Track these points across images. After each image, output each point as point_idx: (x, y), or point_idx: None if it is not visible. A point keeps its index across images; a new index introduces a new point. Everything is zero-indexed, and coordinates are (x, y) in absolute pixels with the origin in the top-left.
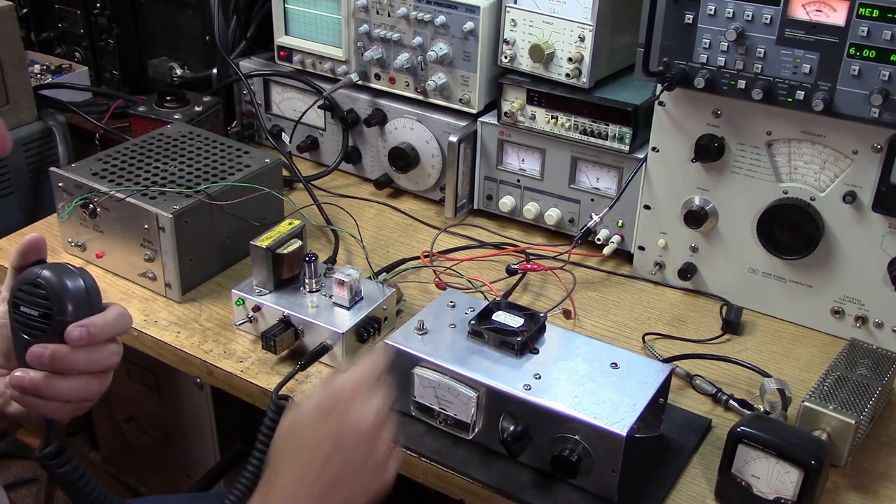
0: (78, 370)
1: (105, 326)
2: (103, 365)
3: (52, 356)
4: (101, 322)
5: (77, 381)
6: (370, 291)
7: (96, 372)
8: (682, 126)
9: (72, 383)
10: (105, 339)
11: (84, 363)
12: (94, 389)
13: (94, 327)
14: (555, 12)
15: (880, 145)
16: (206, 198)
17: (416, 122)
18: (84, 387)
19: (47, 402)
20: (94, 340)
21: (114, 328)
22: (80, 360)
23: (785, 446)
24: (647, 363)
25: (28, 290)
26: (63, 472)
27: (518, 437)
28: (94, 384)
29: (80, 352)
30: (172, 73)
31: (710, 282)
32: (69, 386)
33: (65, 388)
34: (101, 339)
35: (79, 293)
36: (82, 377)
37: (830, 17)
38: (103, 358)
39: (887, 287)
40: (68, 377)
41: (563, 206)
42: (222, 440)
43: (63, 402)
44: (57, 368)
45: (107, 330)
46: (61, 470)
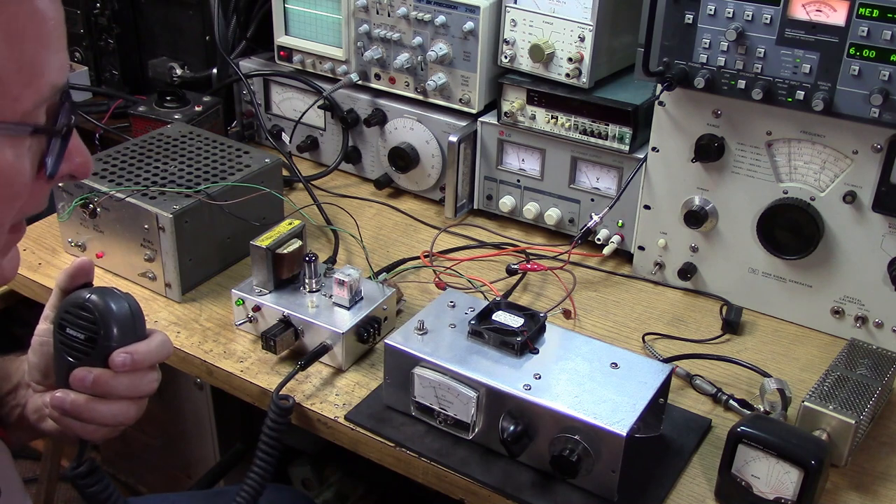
0: (118, 395)
1: (148, 354)
2: (143, 391)
3: (96, 380)
4: (145, 349)
5: (116, 406)
6: (370, 291)
7: (136, 398)
8: (682, 126)
9: (111, 408)
10: (147, 365)
11: (125, 389)
12: (132, 414)
13: (138, 354)
14: (555, 12)
15: (880, 145)
16: (206, 198)
17: (416, 122)
18: (122, 412)
19: (85, 425)
20: (137, 367)
21: (156, 356)
22: (122, 386)
23: (785, 446)
24: (647, 363)
25: (75, 313)
26: (94, 492)
27: (518, 437)
28: (132, 409)
29: (123, 377)
30: (172, 73)
31: (710, 282)
32: (108, 410)
33: (104, 413)
34: (143, 367)
35: (124, 319)
36: (122, 402)
37: (830, 17)
38: (144, 384)
39: (887, 287)
40: (108, 402)
41: (563, 206)
42: (222, 440)
43: (100, 426)
44: (98, 392)
45: (150, 357)
46: (92, 489)
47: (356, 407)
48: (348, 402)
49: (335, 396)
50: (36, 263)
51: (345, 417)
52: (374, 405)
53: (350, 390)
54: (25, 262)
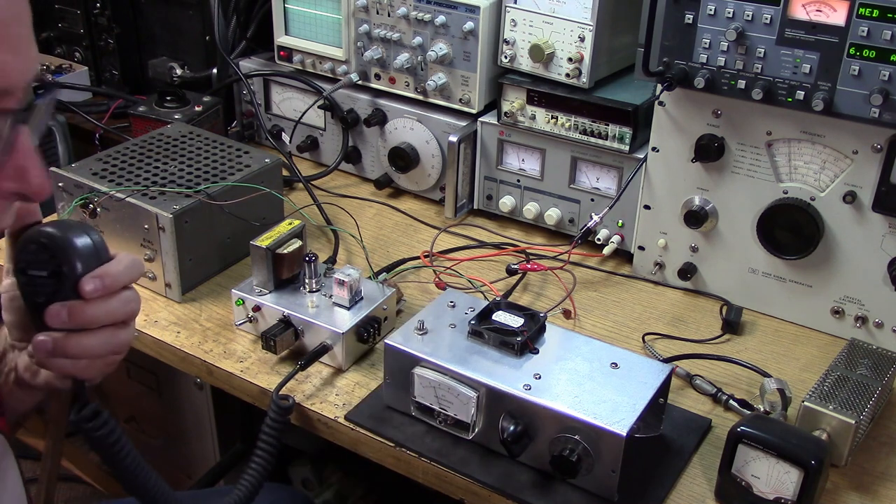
0: (99, 322)
1: (118, 275)
2: (124, 313)
3: (71, 312)
4: (115, 270)
5: (101, 335)
6: (370, 291)
7: (119, 322)
8: (682, 126)
9: (97, 337)
10: (120, 287)
11: (105, 314)
12: (121, 340)
13: (108, 277)
14: (555, 12)
15: (880, 145)
16: (206, 198)
17: (416, 122)
18: (109, 339)
19: (76, 362)
20: (109, 290)
21: (127, 275)
22: (101, 312)
23: (785, 446)
24: (647, 363)
25: (32, 252)
26: (101, 435)
27: (518, 437)
28: (120, 334)
29: (98, 304)
30: (172, 73)
31: (710, 282)
32: (94, 340)
33: (91, 344)
34: (116, 288)
35: (86, 246)
36: (106, 330)
37: (830, 17)
38: (122, 306)
39: (887, 287)
40: (92, 332)
41: (563, 206)
42: (222, 440)
43: (91, 359)
44: (77, 324)
45: (120, 278)
46: (99, 433)
47: (356, 407)
48: (348, 402)
49: (335, 396)
50: None
51: (345, 417)
52: (374, 405)
53: (350, 390)
54: None
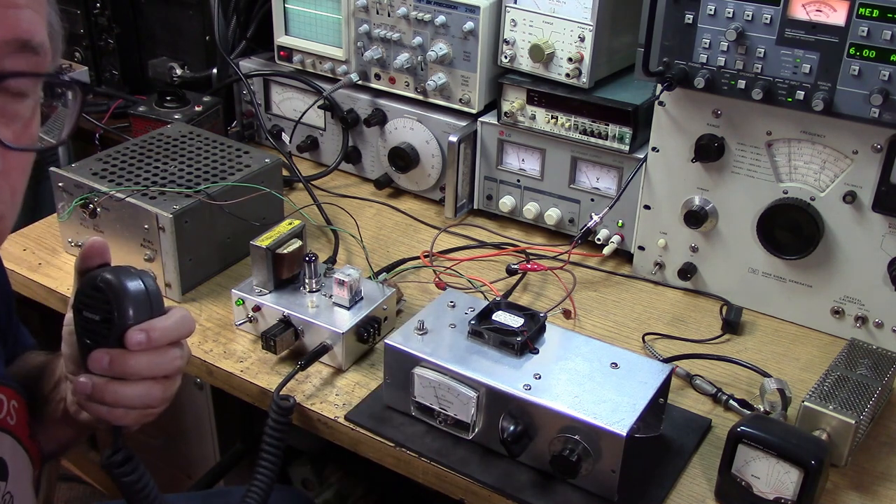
0: (140, 375)
1: (166, 330)
2: (166, 370)
3: (113, 361)
4: (162, 325)
5: (140, 387)
6: (370, 291)
7: (160, 377)
8: (682, 126)
9: (134, 389)
10: (166, 342)
11: (146, 368)
12: (158, 395)
13: (155, 331)
14: (555, 12)
15: (880, 145)
16: (206, 198)
17: (416, 122)
18: (147, 392)
19: (112, 409)
20: (154, 345)
21: (175, 332)
22: (141, 365)
23: (785, 446)
24: (647, 363)
25: (89, 294)
26: (129, 481)
27: (518, 437)
28: (158, 390)
29: (141, 356)
30: (172, 73)
31: (710, 282)
32: (132, 392)
33: (128, 395)
34: (162, 344)
35: (139, 296)
36: (145, 383)
37: (830, 17)
38: (166, 362)
39: (887, 287)
40: (131, 383)
41: (563, 206)
42: (222, 440)
43: (127, 409)
44: (118, 373)
45: (168, 334)
46: (128, 479)
47: (356, 407)
48: (348, 402)
49: (335, 396)
50: (36, 263)
51: (345, 417)
52: (374, 405)
53: (350, 390)
54: (25, 262)
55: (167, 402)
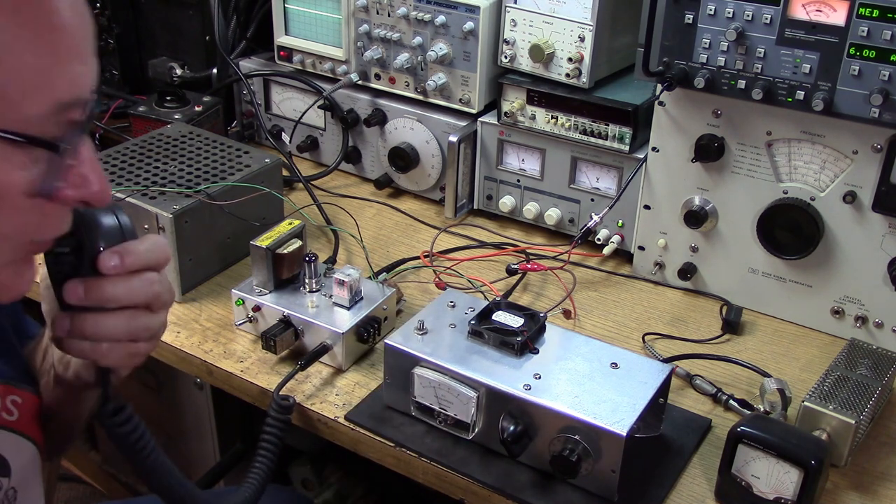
0: (117, 300)
1: (140, 253)
2: (144, 294)
3: (88, 288)
4: (135, 248)
5: (121, 316)
6: (370, 291)
7: (142, 304)
8: (682, 126)
9: (116, 317)
10: (141, 265)
11: (123, 292)
12: (143, 324)
13: (128, 254)
14: (555, 12)
15: (880, 145)
16: (206, 198)
17: (416, 122)
18: (129, 321)
19: (95, 345)
20: (129, 268)
21: (150, 254)
22: (119, 290)
23: (785, 446)
24: (647, 363)
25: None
26: (124, 432)
27: (518, 437)
28: (141, 319)
29: (118, 281)
30: (172, 73)
31: (710, 282)
32: (113, 321)
33: (108, 324)
34: (136, 267)
35: (110, 224)
36: (126, 311)
37: (830, 17)
38: (143, 286)
39: (887, 287)
40: (111, 312)
41: (563, 206)
42: (222, 440)
43: (112, 342)
44: (95, 301)
45: (142, 257)
46: (122, 429)
47: (356, 407)
48: (348, 402)
49: (335, 396)
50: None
51: (345, 417)
52: (374, 405)
53: (350, 390)
54: None
55: (153, 339)
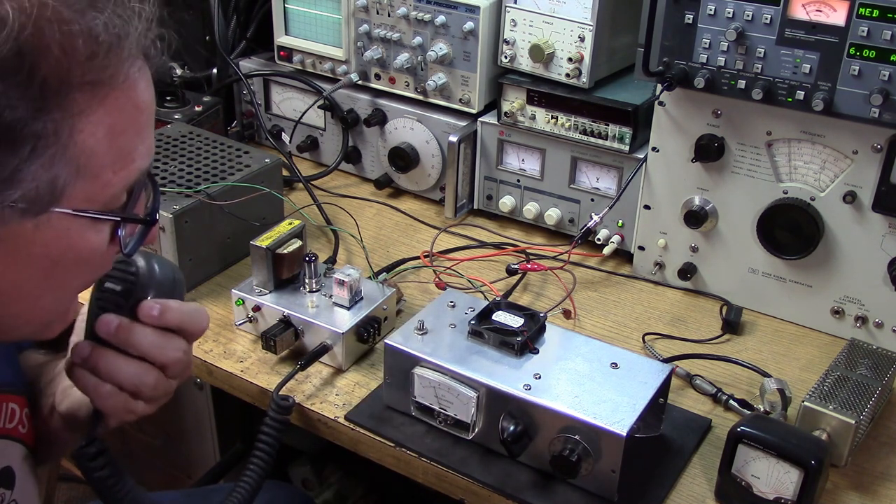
0: (140, 349)
1: (180, 313)
2: (167, 356)
3: (120, 326)
4: (177, 307)
5: (135, 365)
6: (370, 291)
7: (159, 363)
8: (682, 126)
9: (130, 365)
10: (176, 324)
11: (148, 344)
12: (150, 382)
13: (168, 309)
14: (555, 12)
15: (880, 145)
16: (206, 198)
17: (416, 122)
18: (141, 373)
19: (99, 385)
20: (164, 322)
21: (188, 318)
22: (146, 340)
23: (785, 446)
24: (647, 363)
25: (117, 268)
26: (100, 477)
27: (518, 437)
28: (152, 376)
29: (148, 331)
30: (172, 73)
31: (710, 282)
32: (127, 367)
33: (122, 368)
34: (171, 324)
35: (166, 279)
36: (142, 363)
37: (830, 17)
38: (169, 347)
39: (887, 287)
40: (128, 358)
41: (563, 206)
42: (222, 440)
43: (116, 389)
44: (121, 341)
45: (181, 317)
46: (99, 473)
47: (356, 407)
48: (348, 402)
49: (335, 396)
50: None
51: (345, 417)
52: (374, 405)
53: (350, 390)
54: None
55: (152, 402)
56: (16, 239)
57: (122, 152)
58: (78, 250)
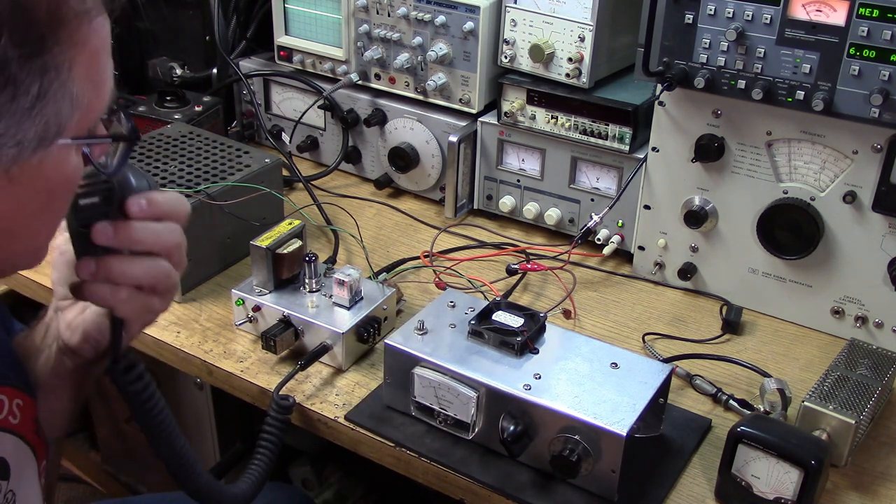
0: (144, 244)
1: (164, 202)
2: (169, 240)
3: (117, 228)
4: (161, 197)
5: (146, 260)
6: (370, 291)
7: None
8: (682, 126)
9: (141, 262)
10: (164, 213)
11: (150, 236)
12: (164, 270)
13: (154, 201)
14: (555, 12)
15: (880, 145)
16: (206, 198)
17: (416, 122)
18: (152, 266)
19: (115, 291)
20: (154, 214)
21: (171, 204)
22: (146, 234)
23: (785, 446)
24: (647, 363)
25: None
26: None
27: (518, 437)
28: (163, 265)
29: (145, 224)
30: (172, 73)
31: (710, 282)
32: (137, 266)
33: (133, 268)
34: (160, 213)
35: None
36: (151, 257)
37: (830, 17)
38: (168, 231)
39: (887, 287)
40: (136, 256)
41: (563, 206)
42: (222, 440)
43: (132, 290)
44: (123, 242)
45: (166, 203)
46: (133, 387)
47: (356, 407)
48: (348, 402)
49: (335, 396)
50: None
51: (345, 417)
52: (374, 405)
53: (350, 390)
54: None
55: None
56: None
57: (100, 78)
58: (71, 178)
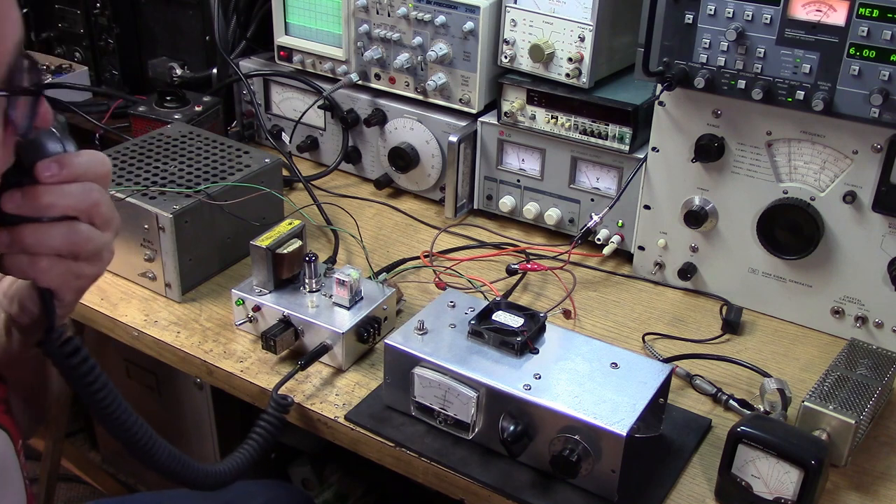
0: (56, 208)
1: (77, 164)
2: (83, 201)
3: (25, 194)
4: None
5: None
6: (370, 291)
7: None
8: (682, 126)
9: (56, 228)
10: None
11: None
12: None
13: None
14: (555, 12)
15: (880, 145)
16: (206, 198)
17: (416, 122)
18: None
19: (34, 261)
20: (67, 178)
21: (87, 165)
22: (56, 197)
23: (785, 446)
24: (647, 363)
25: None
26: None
27: (518, 437)
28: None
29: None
30: (172, 73)
31: (710, 282)
32: (54, 231)
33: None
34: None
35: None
36: (67, 222)
37: (830, 17)
38: (81, 192)
39: (887, 287)
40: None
41: (563, 206)
42: (222, 440)
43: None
44: (33, 209)
45: (79, 167)
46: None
47: (356, 407)
48: (348, 401)
49: (335, 396)
50: None
51: (345, 417)
52: (374, 405)
53: (350, 390)
54: None
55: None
56: None
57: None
58: None
